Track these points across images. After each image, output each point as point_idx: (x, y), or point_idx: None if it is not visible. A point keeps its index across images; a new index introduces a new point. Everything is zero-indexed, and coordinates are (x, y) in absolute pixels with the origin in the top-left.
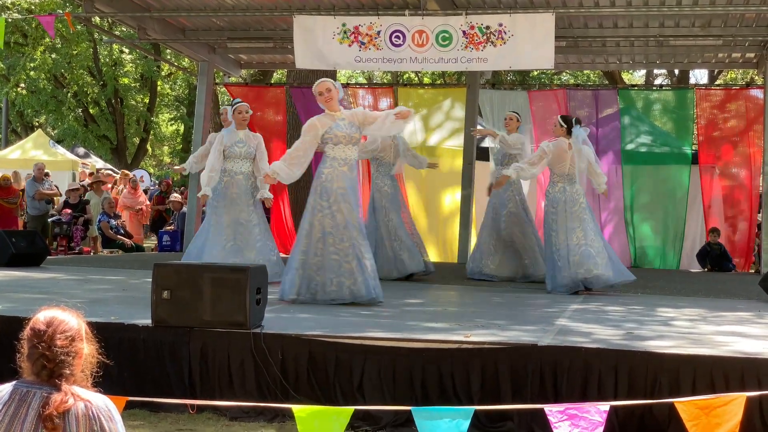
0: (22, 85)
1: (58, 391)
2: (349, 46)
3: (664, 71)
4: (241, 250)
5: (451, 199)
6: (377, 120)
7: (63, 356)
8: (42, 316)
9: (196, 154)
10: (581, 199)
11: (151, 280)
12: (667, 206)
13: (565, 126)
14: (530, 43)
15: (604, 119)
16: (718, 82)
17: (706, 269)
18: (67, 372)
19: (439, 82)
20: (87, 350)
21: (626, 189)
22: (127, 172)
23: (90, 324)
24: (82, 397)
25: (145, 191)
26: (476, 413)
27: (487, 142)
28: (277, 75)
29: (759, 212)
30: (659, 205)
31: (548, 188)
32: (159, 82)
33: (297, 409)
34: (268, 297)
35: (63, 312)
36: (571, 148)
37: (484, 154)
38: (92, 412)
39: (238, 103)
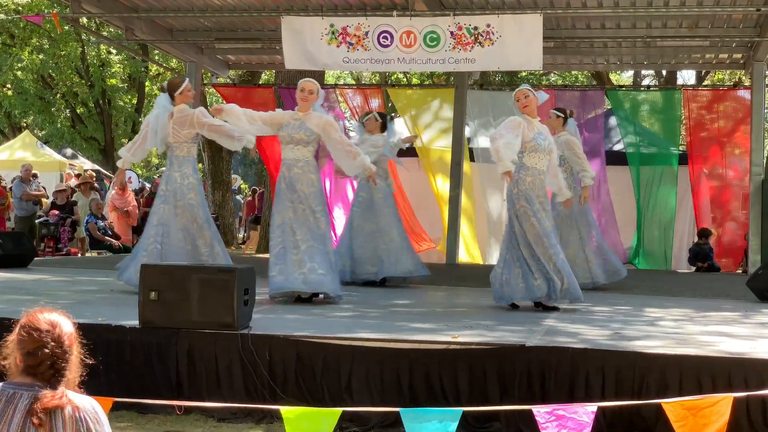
0: (9, 85)
1: (53, 389)
2: (338, 46)
3: (651, 72)
4: None
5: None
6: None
7: (68, 356)
8: (43, 317)
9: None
10: None
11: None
12: (654, 207)
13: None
14: (518, 43)
15: (592, 120)
16: (705, 82)
17: (696, 267)
18: (66, 373)
19: (427, 82)
20: (77, 353)
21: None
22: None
23: (77, 325)
24: (70, 399)
25: (137, 192)
26: (464, 414)
27: (479, 143)
28: (265, 76)
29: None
30: (647, 206)
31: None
32: (147, 83)
33: (285, 410)
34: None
35: (58, 314)
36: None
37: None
38: (79, 415)
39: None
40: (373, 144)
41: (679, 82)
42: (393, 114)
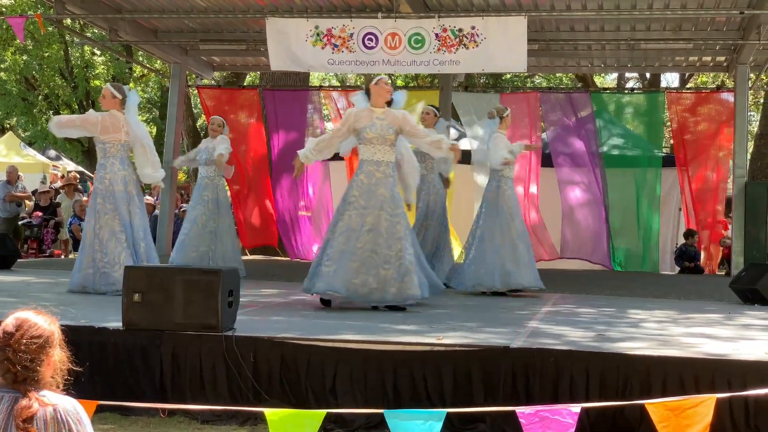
0: None
1: (24, 395)
2: (322, 48)
3: (635, 75)
4: None
5: None
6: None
7: (27, 362)
8: (12, 319)
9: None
10: None
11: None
12: (639, 209)
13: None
14: (503, 45)
15: (577, 122)
16: (689, 85)
17: (683, 267)
18: (33, 377)
19: (412, 84)
20: (58, 356)
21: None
22: None
23: (60, 327)
24: (50, 401)
25: None
26: (448, 415)
27: (464, 145)
28: (250, 77)
29: (729, 215)
30: (632, 208)
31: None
32: (131, 84)
33: (269, 412)
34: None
35: (36, 315)
36: None
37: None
38: (60, 416)
39: None
40: None
41: (663, 84)
42: None
